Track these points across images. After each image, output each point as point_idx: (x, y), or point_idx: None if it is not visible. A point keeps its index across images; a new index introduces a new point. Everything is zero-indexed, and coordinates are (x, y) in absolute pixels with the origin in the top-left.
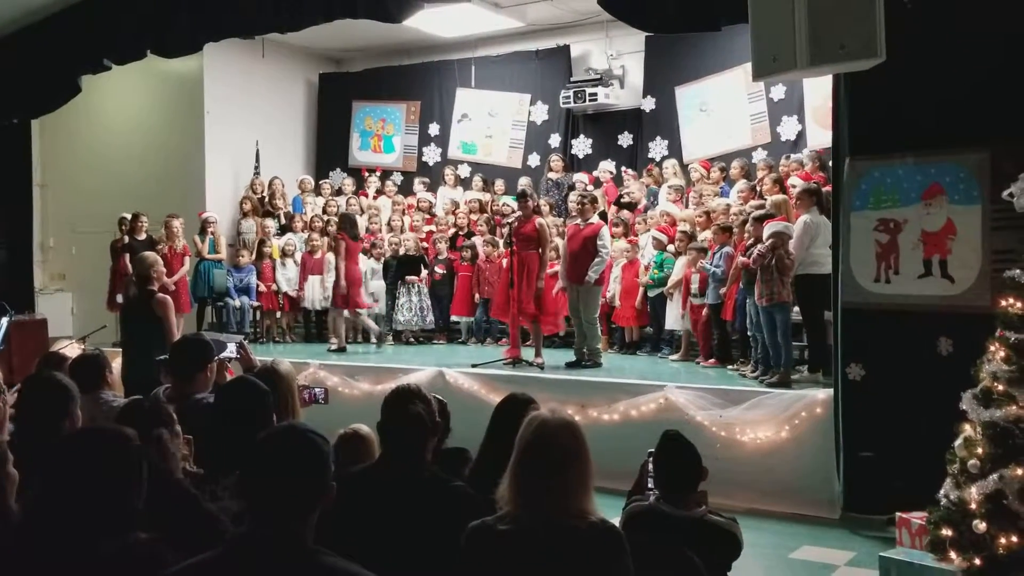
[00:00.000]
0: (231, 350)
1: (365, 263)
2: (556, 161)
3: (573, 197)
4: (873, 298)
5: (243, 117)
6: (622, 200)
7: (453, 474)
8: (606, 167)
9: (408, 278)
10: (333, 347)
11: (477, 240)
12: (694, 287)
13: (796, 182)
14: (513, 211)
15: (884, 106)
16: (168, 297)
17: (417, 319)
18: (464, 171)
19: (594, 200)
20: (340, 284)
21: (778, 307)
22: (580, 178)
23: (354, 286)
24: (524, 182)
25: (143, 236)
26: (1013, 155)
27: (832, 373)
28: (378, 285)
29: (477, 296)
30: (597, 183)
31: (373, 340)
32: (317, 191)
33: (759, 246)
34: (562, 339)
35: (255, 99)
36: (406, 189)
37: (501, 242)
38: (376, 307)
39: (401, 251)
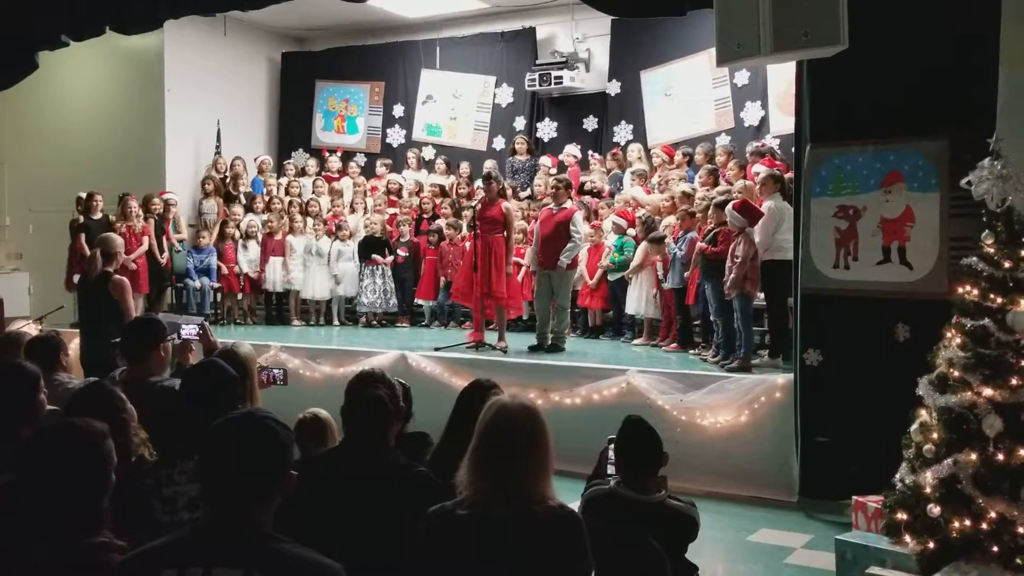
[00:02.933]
0: (190, 331)
1: (330, 245)
2: (521, 144)
3: (545, 181)
4: (832, 284)
5: (204, 96)
6: (584, 187)
7: (415, 459)
8: (571, 151)
9: (374, 257)
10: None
11: (442, 223)
12: (661, 272)
13: (760, 169)
14: (478, 188)
15: (845, 93)
16: (124, 279)
17: (381, 302)
18: (429, 153)
19: (568, 185)
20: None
21: (740, 294)
22: (544, 162)
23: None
24: (489, 165)
25: (99, 215)
26: (971, 143)
27: (792, 358)
28: (344, 267)
29: (442, 280)
30: (561, 167)
31: (337, 322)
32: (280, 171)
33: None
34: (524, 323)
35: (216, 77)
36: (370, 171)
37: (464, 224)
38: (340, 289)
39: (365, 233)
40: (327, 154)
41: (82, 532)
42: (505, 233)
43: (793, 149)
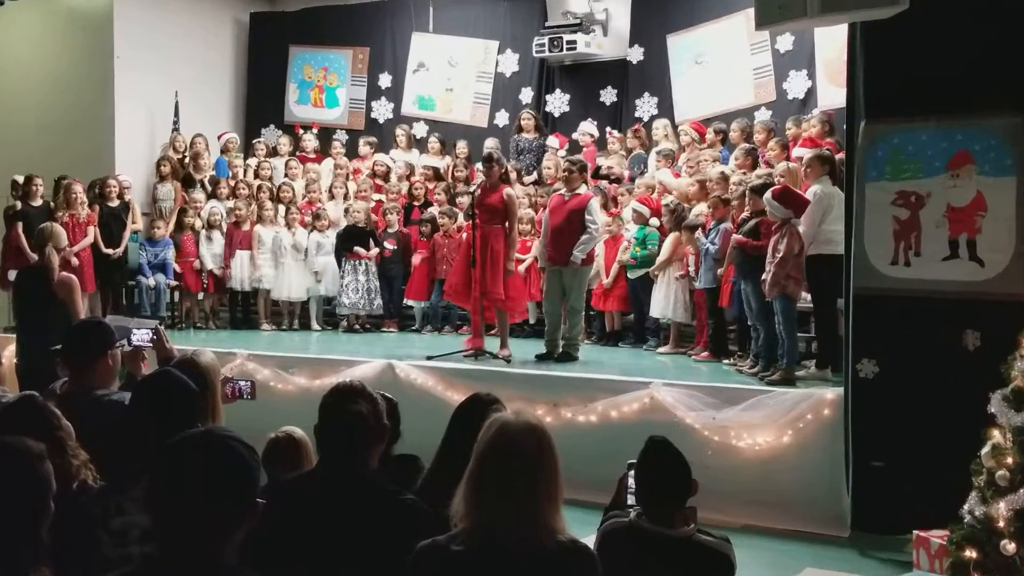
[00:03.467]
0: (142, 336)
1: (307, 237)
2: (527, 120)
3: (555, 162)
4: (890, 283)
5: (160, 63)
6: (600, 171)
7: (402, 486)
8: (586, 128)
9: (356, 250)
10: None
11: (435, 211)
12: (692, 268)
13: (801, 151)
14: (478, 171)
15: (906, 61)
16: (72, 276)
17: (364, 302)
18: (420, 130)
19: (583, 167)
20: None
21: (781, 295)
22: (551, 143)
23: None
24: (490, 144)
25: (39, 202)
26: None
27: (842, 370)
28: (323, 263)
29: (435, 277)
30: (574, 147)
31: (316, 326)
32: (248, 151)
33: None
34: (531, 328)
35: (174, 42)
36: (352, 150)
37: (460, 214)
38: (319, 288)
39: (347, 222)
40: (302, 131)
41: (17, 568)
42: (508, 224)
43: (844, 126)
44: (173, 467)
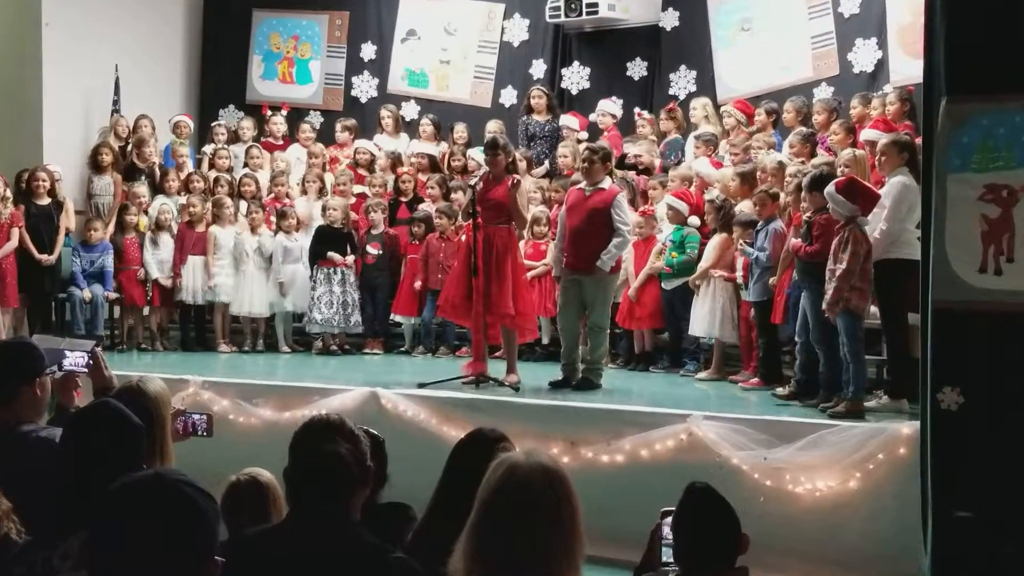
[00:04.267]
0: (75, 360)
1: (273, 241)
2: (539, 98)
3: (572, 149)
4: (976, 295)
5: (97, 31)
6: (626, 161)
7: (390, 540)
8: (609, 108)
9: (330, 255)
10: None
11: (428, 208)
12: (740, 276)
13: (871, 135)
14: (480, 166)
15: (997, 27)
16: None
17: (339, 318)
18: (410, 111)
19: (606, 156)
20: None
21: (845, 312)
22: (568, 122)
23: None
24: (494, 128)
25: None
26: None
27: (920, 400)
28: (292, 272)
29: (419, 284)
30: (594, 131)
31: (284, 347)
32: (203, 137)
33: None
34: (544, 349)
35: (115, 7)
36: (328, 135)
37: (459, 212)
38: (287, 302)
39: (321, 222)
40: (269, 113)
41: None
42: (516, 223)
43: (922, 105)
44: (113, 518)
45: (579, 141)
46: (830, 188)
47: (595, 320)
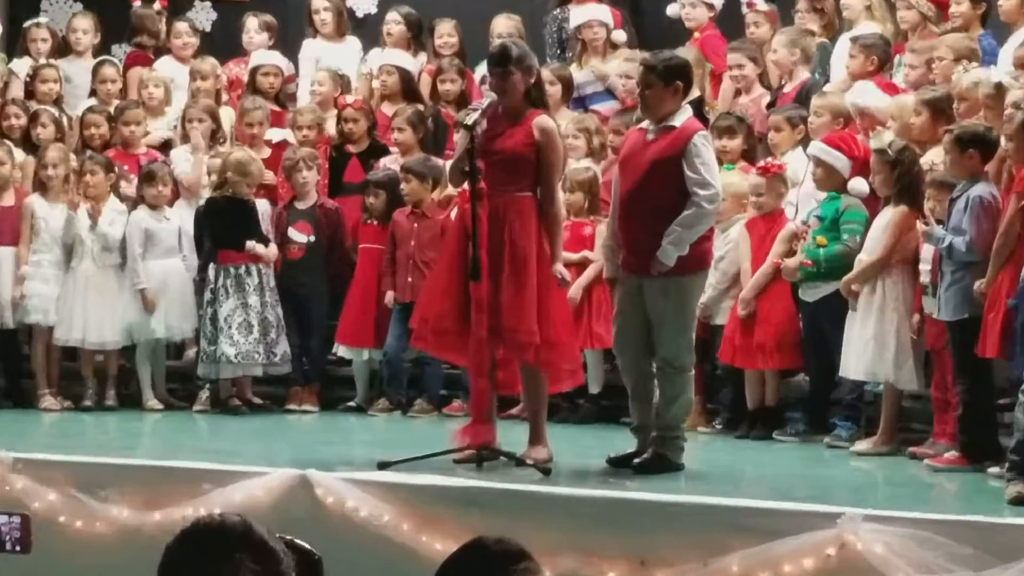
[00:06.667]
0: None
1: (128, 220)
2: None
3: (622, 67)
4: None
5: None
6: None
7: None
8: None
9: (249, 246)
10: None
11: (392, 162)
12: (925, 277)
13: None
14: (483, 94)
15: None
16: None
17: (253, 348)
18: (365, 2)
19: (678, 72)
20: None
21: None
22: (589, 14)
23: None
24: (504, 28)
25: None
26: None
27: None
28: (163, 270)
29: (392, 298)
30: (668, 35)
31: (152, 401)
32: (15, 46)
33: None
34: (592, 402)
35: None
36: (226, 46)
37: (447, 169)
38: (156, 324)
39: (211, 192)
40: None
41: None
42: (544, 189)
43: None
44: None
45: (614, 46)
46: None
47: (667, 353)
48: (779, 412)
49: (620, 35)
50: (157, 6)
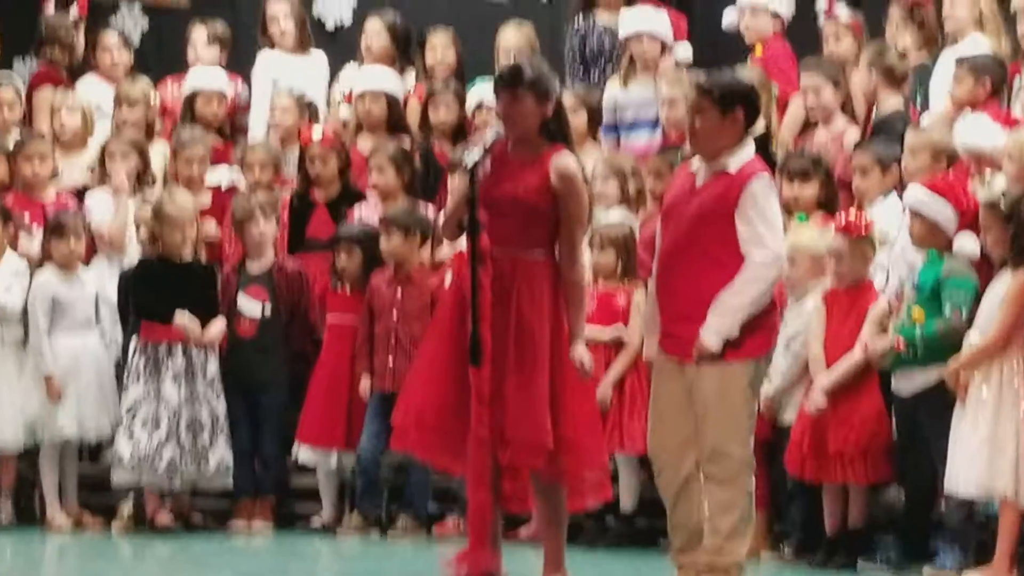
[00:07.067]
0: None
1: (30, 284)
2: None
3: (680, 92)
4: None
5: None
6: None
7: None
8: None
9: (177, 321)
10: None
11: (367, 212)
12: None
13: None
14: (486, 123)
15: None
16: None
17: (183, 457)
18: (336, 7)
19: (744, 96)
20: None
21: None
22: (645, 23)
23: None
24: (514, 39)
25: None
26: None
27: None
28: (75, 349)
29: (368, 387)
30: (718, 50)
31: (58, 518)
32: None
33: None
34: (625, 521)
35: None
36: (171, 58)
37: (442, 220)
38: (65, 418)
39: (141, 249)
40: (50, 9)
41: None
42: (559, 249)
43: None
44: None
45: (677, 63)
46: None
47: (714, 455)
48: (866, 535)
49: (684, 50)
50: (74, 12)
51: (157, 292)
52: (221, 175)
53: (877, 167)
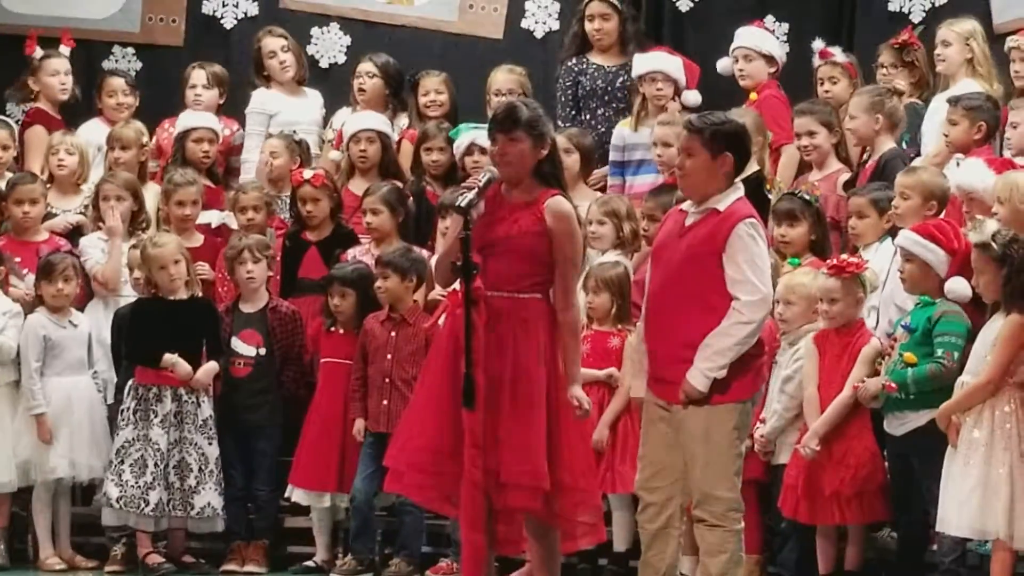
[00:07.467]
0: None
1: (24, 328)
2: (605, 19)
3: (673, 134)
4: None
5: None
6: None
7: None
8: (756, 42)
9: (166, 360)
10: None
11: (360, 253)
12: None
13: None
14: (481, 166)
15: None
16: None
17: (171, 499)
18: (329, 46)
19: (734, 138)
20: None
21: None
22: (657, 65)
23: None
24: (505, 82)
25: None
26: None
27: None
28: (68, 389)
29: (362, 428)
30: (714, 89)
31: (52, 559)
32: None
33: None
34: (617, 563)
35: None
36: (160, 100)
37: (435, 262)
38: (57, 461)
39: (136, 289)
40: (37, 53)
41: None
42: (554, 291)
43: None
44: None
45: (684, 109)
46: None
47: (702, 497)
48: None
49: (693, 96)
50: (64, 50)
51: (149, 333)
52: (212, 217)
53: (874, 210)
